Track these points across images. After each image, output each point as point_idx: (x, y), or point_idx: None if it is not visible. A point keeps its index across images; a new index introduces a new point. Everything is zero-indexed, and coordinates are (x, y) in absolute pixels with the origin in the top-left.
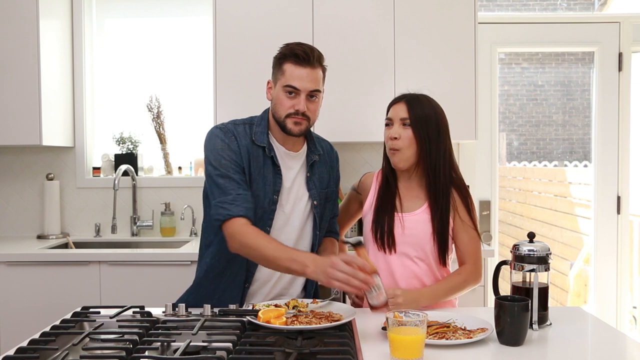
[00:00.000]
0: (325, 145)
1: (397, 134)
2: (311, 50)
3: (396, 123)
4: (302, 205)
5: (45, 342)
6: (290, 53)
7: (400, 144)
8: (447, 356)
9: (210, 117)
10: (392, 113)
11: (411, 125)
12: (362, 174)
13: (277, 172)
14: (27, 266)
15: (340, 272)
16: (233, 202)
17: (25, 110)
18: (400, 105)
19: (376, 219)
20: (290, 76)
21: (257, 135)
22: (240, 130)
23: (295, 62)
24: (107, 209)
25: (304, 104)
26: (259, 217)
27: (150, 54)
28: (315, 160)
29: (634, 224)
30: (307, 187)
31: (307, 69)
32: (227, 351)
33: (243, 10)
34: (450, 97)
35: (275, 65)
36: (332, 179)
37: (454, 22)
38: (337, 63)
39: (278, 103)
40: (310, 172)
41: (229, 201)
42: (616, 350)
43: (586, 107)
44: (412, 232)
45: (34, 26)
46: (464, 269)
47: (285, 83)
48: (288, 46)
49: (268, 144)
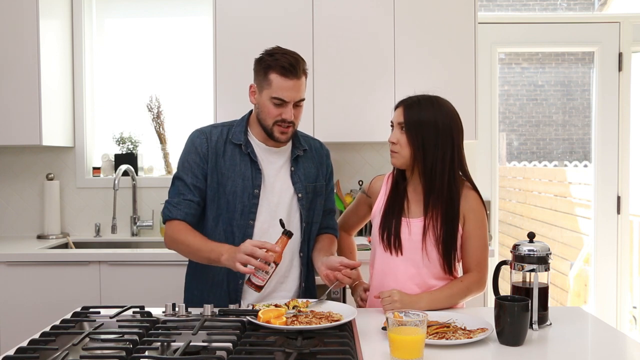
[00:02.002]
0: (314, 143)
1: (394, 139)
2: (296, 61)
3: (396, 127)
4: (287, 198)
5: (45, 342)
6: (276, 64)
7: (396, 148)
8: (447, 356)
9: (210, 117)
10: (393, 116)
11: (406, 130)
12: (362, 174)
13: (255, 167)
14: (27, 266)
15: (242, 253)
16: (177, 205)
17: (25, 110)
18: (399, 110)
19: (384, 222)
20: (277, 88)
21: (234, 135)
22: (216, 132)
23: (281, 73)
24: (107, 209)
25: (291, 114)
26: (239, 211)
27: (150, 54)
28: (299, 155)
29: (634, 224)
30: (292, 181)
31: (293, 80)
32: (227, 351)
33: (243, 10)
34: (450, 97)
35: (260, 72)
36: (321, 174)
37: (454, 22)
38: (337, 63)
39: (265, 111)
40: (295, 166)
41: (174, 203)
42: (616, 350)
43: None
44: (416, 237)
45: (34, 26)
46: (467, 276)
47: (272, 94)
48: (273, 56)
49: (245, 142)
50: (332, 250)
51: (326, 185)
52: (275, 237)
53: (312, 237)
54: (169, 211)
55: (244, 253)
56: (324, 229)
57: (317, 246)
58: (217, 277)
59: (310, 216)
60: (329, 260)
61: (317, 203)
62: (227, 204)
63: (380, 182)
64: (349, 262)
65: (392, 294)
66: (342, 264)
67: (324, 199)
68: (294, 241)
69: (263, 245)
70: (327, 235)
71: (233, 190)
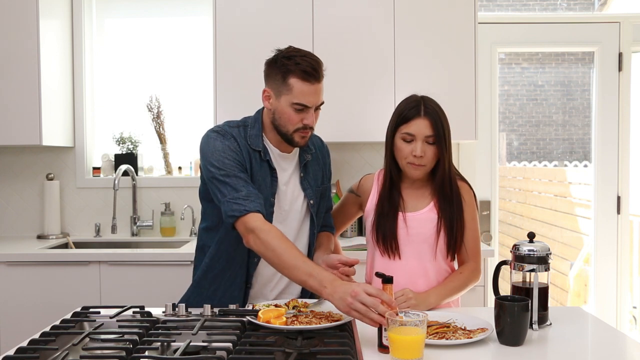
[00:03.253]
0: (317, 140)
1: (422, 152)
2: (317, 63)
3: (419, 140)
4: (298, 206)
5: (45, 342)
6: (297, 69)
7: (424, 161)
8: (447, 356)
9: (210, 117)
10: (415, 129)
11: (435, 143)
12: (362, 174)
13: (274, 174)
14: (27, 266)
15: (360, 303)
16: (247, 197)
17: (25, 110)
18: (423, 121)
19: (377, 222)
20: (299, 93)
21: (252, 139)
22: (235, 132)
23: (303, 78)
24: (107, 209)
25: (313, 119)
26: None
27: (150, 54)
28: (308, 160)
29: (634, 224)
30: (302, 187)
31: (315, 85)
32: (227, 351)
33: (243, 11)
34: (450, 97)
35: (276, 77)
36: (325, 176)
37: (454, 22)
38: (337, 63)
39: (285, 118)
40: (304, 172)
41: (243, 197)
42: (616, 350)
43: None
44: (418, 231)
45: (34, 26)
46: (466, 267)
47: (294, 100)
48: (292, 59)
49: (263, 148)
50: (330, 248)
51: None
52: None
53: (315, 239)
54: (241, 205)
55: (361, 303)
56: (323, 227)
57: (315, 244)
58: (237, 278)
59: (319, 219)
60: (328, 258)
61: (322, 205)
62: None
63: (371, 181)
64: (347, 260)
65: (405, 292)
66: (341, 261)
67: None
68: (302, 246)
69: (380, 295)
70: (324, 233)
71: None
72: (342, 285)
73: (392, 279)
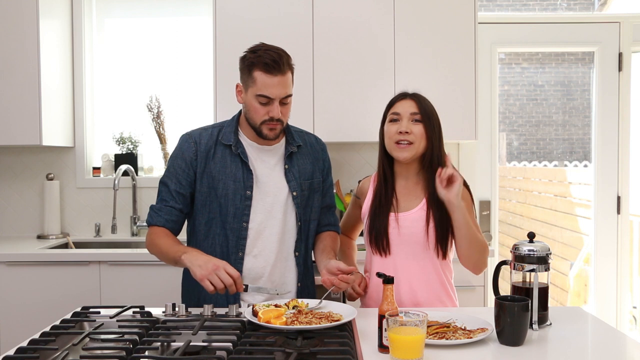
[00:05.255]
0: (309, 138)
1: (408, 129)
2: (279, 56)
3: (405, 118)
4: (282, 198)
5: (45, 342)
6: (259, 61)
7: (412, 138)
8: (447, 356)
9: (210, 117)
10: (400, 108)
11: (422, 120)
12: (362, 174)
13: (247, 168)
14: (27, 266)
15: (217, 277)
16: (158, 211)
17: (25, 110)
18: (408, 102)
19: (371, 221)
20: (262, 85)
21: (224, 136)
22: (206, 134)
23: (265, 70)
24: (107, 209)
25: (277, 111)
26: (232, 214)
27: (150, 54)
28: (293, 152)
29: (634, 224)
30: (286, 179)
31: (277, 77)
32: (227, 351)
33: (243, 10)
34: (450, 97)
35: (244, 71)
36: (317, 170)
37: (454, 22)
38: (337, 63)
39: (252, 110)
40: (289, 164)
41: (156, 209)
42: (616, 350)
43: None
44: (410, 230)
45: (34, 26)
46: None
47: (257, 92)
48: (256, 52)
49: (235, 142)
50: (335, 249)
51: (324, 181)
52: (271, 238)
53: (310, 235)
54: (150, 217)
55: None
56: (325, 226)
57: (319, 246)
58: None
59: (307, 214)
60: (329, 264)
61: (314, 200)
62: (220, 207)
63: (368, 182)
64: (345, 268)
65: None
66: (339, 269)
67: (323, 195)
68: (291, 238)
69: (236, 277)
70: (328, 232)
71: (225, 193)
72: (206, 256)
73: (393, 279)
